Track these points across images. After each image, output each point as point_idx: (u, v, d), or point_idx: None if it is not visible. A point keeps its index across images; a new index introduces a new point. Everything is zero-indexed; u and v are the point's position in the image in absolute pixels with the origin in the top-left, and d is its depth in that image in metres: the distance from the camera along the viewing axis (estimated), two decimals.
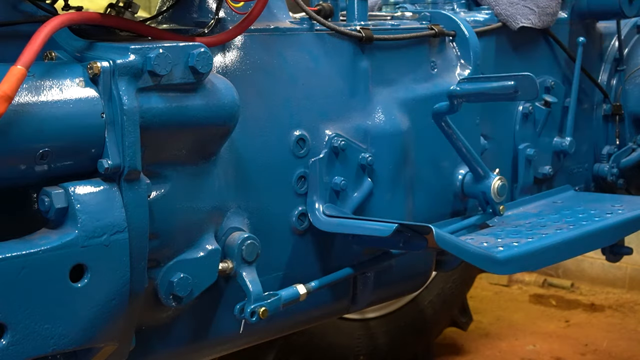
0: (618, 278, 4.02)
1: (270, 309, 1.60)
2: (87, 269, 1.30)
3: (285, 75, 1.74)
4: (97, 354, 1.39)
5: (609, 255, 2.22)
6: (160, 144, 1.42)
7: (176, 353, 1.63)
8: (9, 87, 1.21)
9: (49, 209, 1.29)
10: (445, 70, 2.07)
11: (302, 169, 1.74)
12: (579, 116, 2.46)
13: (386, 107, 1.90)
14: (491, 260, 1.68)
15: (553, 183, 2.44)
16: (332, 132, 1.79)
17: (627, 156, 2.57)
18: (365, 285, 1.92)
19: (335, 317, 2.11)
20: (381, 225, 1.64)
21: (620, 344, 3.38)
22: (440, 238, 1.57)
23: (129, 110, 1.33)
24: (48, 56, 1.41)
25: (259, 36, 1.71)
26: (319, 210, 1.74)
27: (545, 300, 3.91)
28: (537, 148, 2.32)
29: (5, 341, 1.23)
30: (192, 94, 1.43)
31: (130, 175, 1.35)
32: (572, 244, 1.84)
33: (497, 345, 3.37)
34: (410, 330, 2.94)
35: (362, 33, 1.87)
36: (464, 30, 2.11)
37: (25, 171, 1.29)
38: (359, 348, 2.84)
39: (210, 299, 1.61)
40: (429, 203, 2.00)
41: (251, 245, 1.58)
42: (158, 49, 1.37)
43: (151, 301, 1.49)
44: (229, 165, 1.60)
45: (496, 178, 1.97)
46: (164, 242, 1.46)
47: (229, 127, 1.51)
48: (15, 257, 1.23)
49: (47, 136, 1.28)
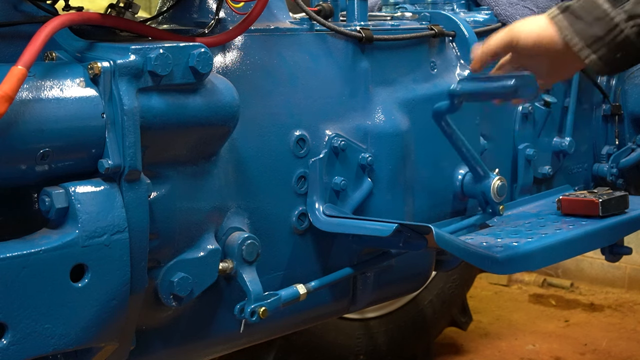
0: (617, 278, 4.02)
1: (270, 308, 1.60)
2: (88, 268, 1.31)
3: (285, 75, 1.74)
4: (97, 354, 1.39)
5: (608, 255, 2.22)
6: (161, 144, 1.42)
7: (176, 353, 1.63)
8: (10, 87, 1.21)
9: (50, 209, 1.29)
10: (445, 70, 2.08)
11: (302, 169, 1.74)
12: (578, 116, 2.46)
13: (386, 107, 1.90)
14: (491, 260, 1.68)
15: (553, 183, 2.44)
16: (332, 132, 1.79)
17: (626, 156, 2.57)
18: (365, 285, 1.92)
19: (335, 317, 2.11)
20: (381, 225, 1.64)
21: (619, 343, 3.38)
22: (440, 238, 1.57)
23: (130, 111, 1.34)
24: (48, 56, 1.41)
25: (259, 36, 1.71)
26: (319, 210, 1.74)
27: (544, 300, 3.92)
28: (536, 148, 2.32)
29: (5, 341, 1.23)
30: (193, 94, 1.43)
31: (130, 175, 1.35)
32: (571, 244, 1.84)
33: (497, 344, 3.37)
34: (410, 330, 2.94)
35: (362, 33, 1.87)
36: (464, 31, 2.12)
37: (26, 171, 1.29)
38: (359, 348, 2.83)
39: (211, 298, 1.61)
40: (429, 203, 2.00)
41: (251, 245, 1.59)
42: (158, 49, 1.37)
43: (151, 301, 1.49)
44: (229, 165, 1.60)
45: (496, 178, 1.98)
46: (165, 242, 1.47)
47: (229, 127, 1.51)
48: (15, 257, 1.23)
49: (48, 136, 1.28)
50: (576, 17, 1.51)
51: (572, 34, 1.51)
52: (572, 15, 1.52)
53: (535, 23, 1.58)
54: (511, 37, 1.61)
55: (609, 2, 1.48)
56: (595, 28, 1.49)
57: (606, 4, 1.48)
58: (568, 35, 1.52)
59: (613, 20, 1.48)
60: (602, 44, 1.49)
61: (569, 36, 1.51)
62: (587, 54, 1.51)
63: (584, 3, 1.51)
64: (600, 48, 1.49)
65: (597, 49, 1.50)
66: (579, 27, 1.51)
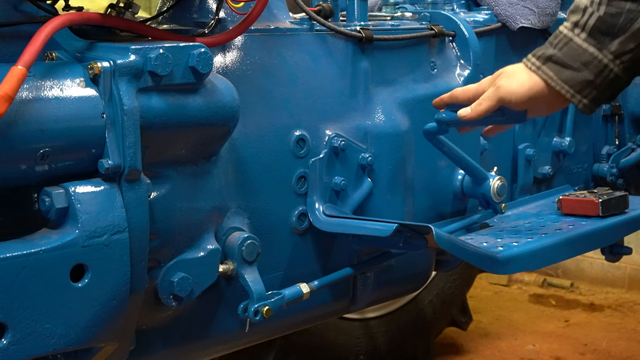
0: (617, 278, 4.02)
1: (274, 307, 1.60)
2: (88, 268, 1.31)
3: (285, 75, 1.74)
4: (97, 354, 1.39)
5: (608, 255, 2.22)
6: (161, 144, 1.42)
7: (176, 353, 1.63)
8: (10, 87, 1.21)
9: (50, 209, 1.29)
10: (445, 70, 2.08)
11: (302, 169, 1.74)
12: (578, 116, 2.46)
13: (386, 107, 1.90)
14: (491, 260, 1.68)
15: (553, 183, 2.44)
16: (332, 132, 1.79)
17: (626, 156, 2.57)
18: (365, 285, 1.92)
19: (335, 316, 2.11)
20: (381, 225, 1.64)
21: (619, 343, 3.38)
22: (440, 238, 1.57)
23: (130, 111, 1.34)
24: (48, 56, 1.41)
25: (259, 36, 1.71)
26: (319, 210, 1.74)
27: (544, 300, 3.92)
28: (536, 148, 2.32)
29: (5, 341, 1.23)
30: (193, 94, 1.43)
31: (130, 175, 1.35)
32: (571, 244, 1.84)
33: (497, 344, 3.37)
34: (410, 330, 2.94)
35: (362, 33, 1.87)
36: (464, 31, 2.12)
37: (26, 171, 1.29)
38: (359, 348, 2.83)
39: (211, 298, 1.61)
40: (429, 203, 2.00)
41: (251, 245, 1.59)
42: (158, 49, 1.37)
43: (151, 301, 1.49)
44: (229, 165, 1.60)
45: (496, 178, 1.98)
46: (165, 242, 1.47)
47: (229, 127, 1.51)
48: (15, 257, 1.23)
49: (48, 136, 1.28)
50: (562, 66, 1.53)
51: (561, 84, 1.54)
52: (557, 64, 1.54)
53: (521, 79, 1.59)
54: (501, 99, 1.62)
55: (594, 47, 1.51)
56: (584, 73, 1.52)
57: (591, 47, 1.51)
58: (557, 85, 1.54)
59: (602, 62, 1.50)
60: (593, 86, 1.52)
61: (558, 86, 1.54)
62: (579, 99, 1.54)
63: (568, 50, 1.53)
64: (592, 91, 1.53)
65: (588, 93, 1.53)
66: (566, 75, 1.53)
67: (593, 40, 1.51)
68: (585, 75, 1.51)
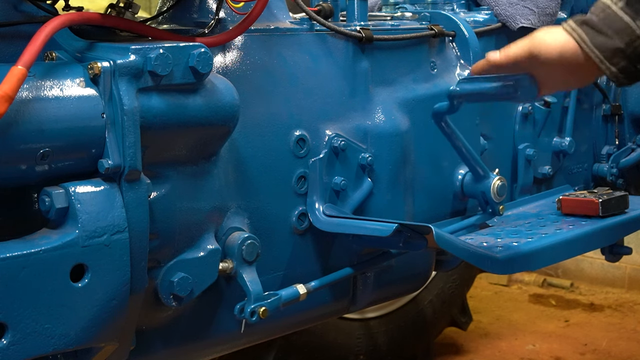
0: (617, 278, 4.02)
1: (270, 308, 1.60)
2: (88, 268, 1.31)
3: (285, 75, 1.74)
4: (97, 354, 1.39)
5: (608, 255, 2.22)
6: (161, 144, 1.42)
7: (176, 353, 1.63)
8: (10, 87, 1.21)
9: (50, 209, 1.29)
10: (445, 70, 2.08)
11: (302, 169, 1.74)
12: (578, 116, 2.46)
13: (386, 107, 1.90)
14: (491, 260, 1.68)
15: (553, 183, 2.44)
16: (332, 132, 1.79)
17: (626, 156, 2.57)
18: (365, 285, 1.92)
19: (335, 317, 2.11)
20: (381, 225, 1.64)
21: (619, 343, 3.38)
22: (440, 238, 1.57)
23: (130, 111, 1.34)
24: (48, 56, 1.41)
25: (259, 36, 1.71)
26: (319, 210, 1.74)
27: (544, 300, 3.92)
28: (536, 148, 2.32)
29: (5, 341, 1.23)
30: (193, 94, 1.43)
31: (130, 175, 1.35)
32: (571, 244, 1.84)
33: (497, 344, 3.37)
34: (410, 330, 2.94)
35: (362, 33, 1.87)
36: (464, 31, 2.12)
37: (26, 171, 1.29)
38: (359, 348, 2.84)
39: (211, 298, 1.61)
40: (429, 203, 2.00)
41: (251, 245, 1.59)
42: (158, 49, 1.37)
43: (151, 301, 1.49)
44: (229, 165, 1.60)
45: (496, 178, 1.98)
46: (165, 242, 1.47)
47: (229, 127, 1.51)
48: (15, 257, 1.23)
49: (48, 136, 1.28)
50: (596, 31, 1.53)
51: (592, 48, 1.53)
52: (592, 29, 1.53)
53: (556, 35, 1.59)
54: (533, 47, 1.61)
55: (629, 15, 1.50)
56: (616, 40, 1.50)
57: (626, 16, 1.50)
58: (587, 49, 1.53)
59: (635, 32, 1.49)
60: (623, 55, 1.50)
61: (588, 49, 1.53)
62: (607, 66, 1.52)
63: (605, 17, 1.52)
64: (621, 60, 1.51)
65: (617, 62, 1.51)
66: (599, 40, 1.52)
67: (629, 9, 1.50)
68: (616, 42, 1.50)
